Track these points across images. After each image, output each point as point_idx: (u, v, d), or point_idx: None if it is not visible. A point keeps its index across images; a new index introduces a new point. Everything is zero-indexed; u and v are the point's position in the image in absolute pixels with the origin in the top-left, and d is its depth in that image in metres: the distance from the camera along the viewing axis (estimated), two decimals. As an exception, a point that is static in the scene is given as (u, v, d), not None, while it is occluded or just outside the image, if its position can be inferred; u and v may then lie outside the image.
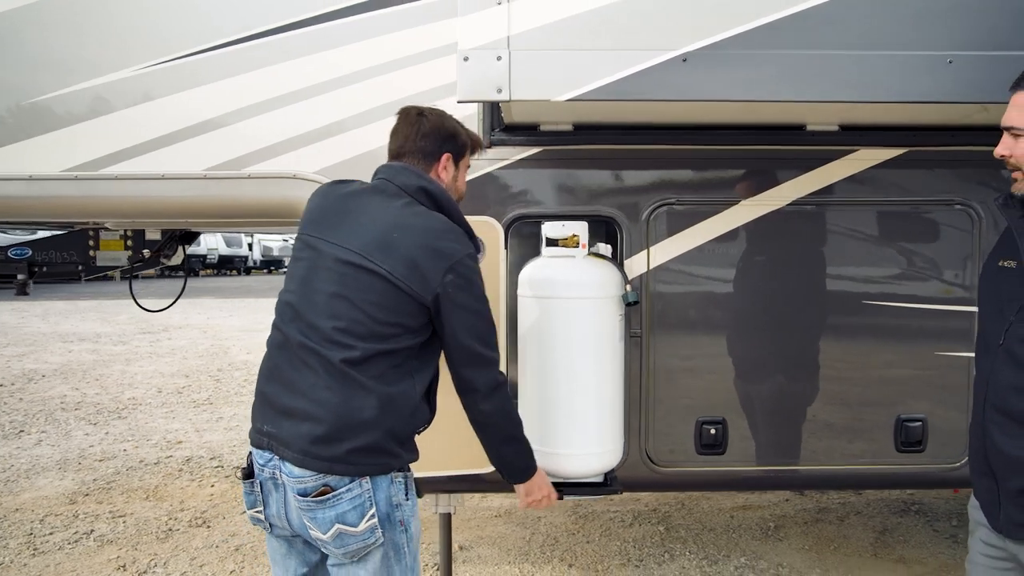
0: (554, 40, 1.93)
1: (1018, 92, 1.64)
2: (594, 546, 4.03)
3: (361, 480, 1.75)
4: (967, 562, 1.94)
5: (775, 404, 2.79)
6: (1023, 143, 1.62)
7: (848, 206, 2.75)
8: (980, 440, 1.77)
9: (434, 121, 1.97)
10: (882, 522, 4.30)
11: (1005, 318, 1.71)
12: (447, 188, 1.98)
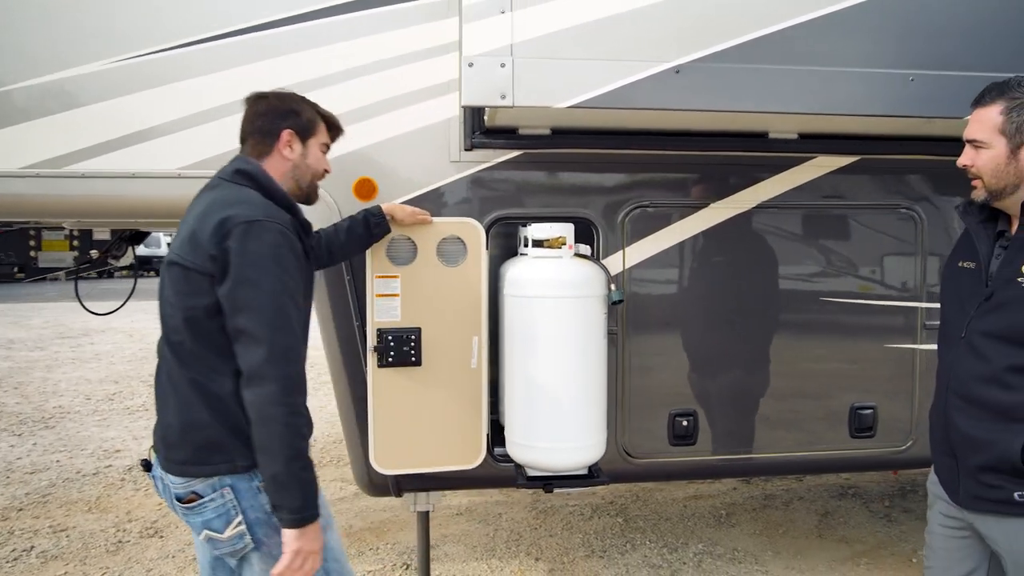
0: (555, 49, 2.01)
1: (978, 108, 1.81)
2: (557, 539, 4.12)
3: (223, 491, 1.78)
4: (926, 533, 2.12)
5: (741, 396, 2.96)
6: (983, 154, 1.79)
7: (807, 209, 2.94)
8: (942, 423, 1.94)
9: (272, 101, 1.98)
10: (823, 505, 4.58)
11: (966, 313, 1.88)
12: (296, 166, 1.98)
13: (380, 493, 2.90)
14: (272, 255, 1.75)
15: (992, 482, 1.81)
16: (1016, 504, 1.78)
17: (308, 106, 2.03)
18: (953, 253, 2.06)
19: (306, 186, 2.05)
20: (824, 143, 2.84)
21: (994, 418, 1.80)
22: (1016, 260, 1.79)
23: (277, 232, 1.78)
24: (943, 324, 2.01)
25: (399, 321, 2.63)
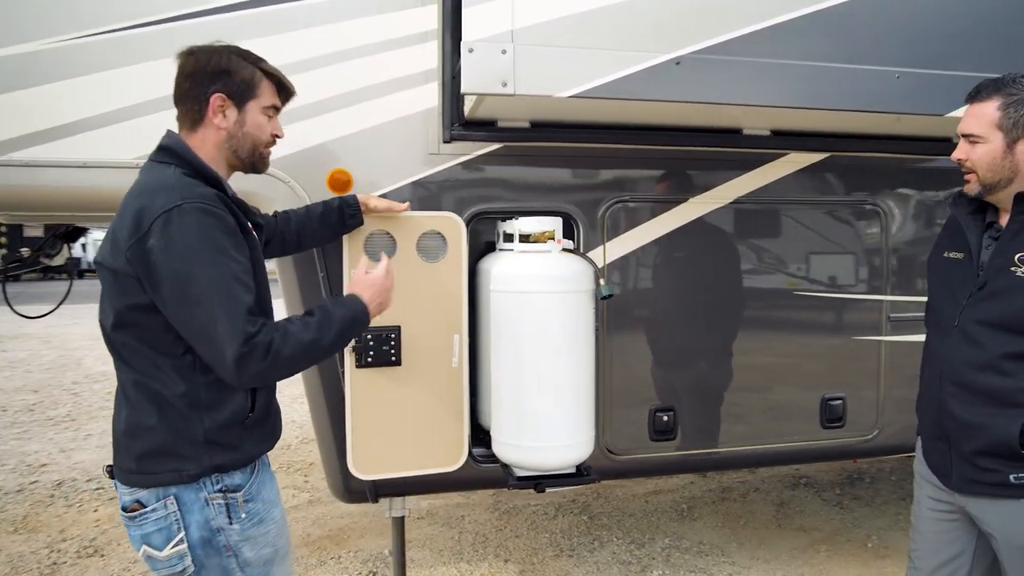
0: (556, 37, 1.96)
1: (974, 103, 1.86)
2: (524, 540, 4.07)
3: (167, 500, 1.63)
4: (913, 516, 2.18)
5: (718, 390, 2.97)
6: (979, 148, 1.84)
7: (780, 205, 2.98)
8: (935, 410, 1.99)
9: (200, 58, 1.70)
10: (778, 496, 4.69)
11: (958, 303, 1.93)
12: (231, 135, 1.74)
13: (356, 500, 2.78)
14: (203, 240, 1.55)
15: (988, 466, 1.86)
16: (1012, 486, 1.83)
17: (245, 62, 1.75)
18: (938, 244, 2.11)
19: (246, 156, 1.79)
20: (796, 140, 2.89)
21: (989, 403, 1.84)
22: (1008, 250, 1.85)
23: (200, 212, 1.56)
24: (933, 313, 2.05)
25: (378, 319, 2.51)
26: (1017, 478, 1.83)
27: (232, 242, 1.61)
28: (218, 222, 1.59)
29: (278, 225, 2.25)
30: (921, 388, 2.10)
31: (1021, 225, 1.85)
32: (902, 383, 3.13)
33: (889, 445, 3.14)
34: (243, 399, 1.71)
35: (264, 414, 1.79)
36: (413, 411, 2.59)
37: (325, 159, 2.59)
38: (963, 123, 1.88)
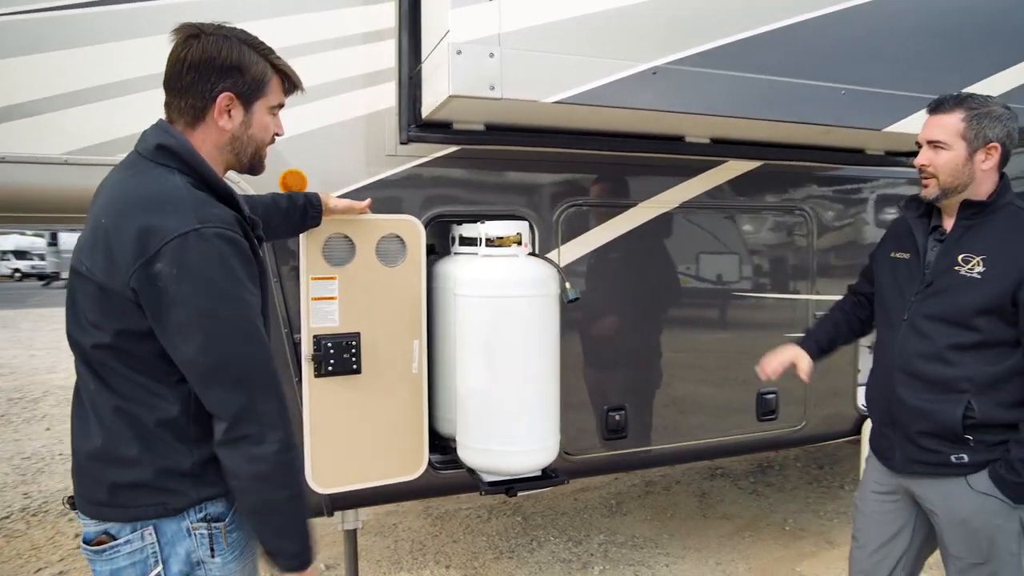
0: (542, 43, 1.95)
1: (938, 115, 2.03)
2: (462, 545, 4.04)
3: (144, 532, 1.47)
4: (857, 500, 2.37)
5: (665, 388, 3.08)
6: (943, 155, 2.00)
7: (720, 210, 3.12)
8: (885, 397, 2.15)
9: (208, 48, 1.49)
10: (699, 487, 4.91)
11: (906, 299, 2.11)
12: (235, 137, 1.56)
13: (311, 514, 2.65)
14: (221, 272, 1.39)
15: (931, 447, 2.04)
16: (952, 465, 2.02)
17: (257, 56, 1.55)
18: (883, 245, 2.29)
19: (248, 159, 1.63)
20: (735, 148, 3.03)
21: (935, 390, 2.02)
22: (953, 251, 2.03)
23: (220, 239, 1.39)
24: (883, 309, 2.22)
25: (337, 326, 2.42)
26: (957, 458, 2.01)
27: (248, 272, 1.45)
28: (237, 250, 1.43)
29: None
30: (871, 378, 2.27)
31: (964, 229, 2.04)
32: (824, 377, 3.36)
33: (815, 434, 3.36)
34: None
35: None
36: (373, 420, 2.52)
37: (277, 158, 2.46)
38: (928, 132, 2.04)
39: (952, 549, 2.08)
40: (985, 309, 1.97)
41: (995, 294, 1.95)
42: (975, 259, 2.00)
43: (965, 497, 2.02)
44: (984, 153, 2.00)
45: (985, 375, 1.98)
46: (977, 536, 2.02)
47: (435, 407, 2.73)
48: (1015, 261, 1.94)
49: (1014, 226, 2.02)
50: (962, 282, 2.00)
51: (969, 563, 2.05)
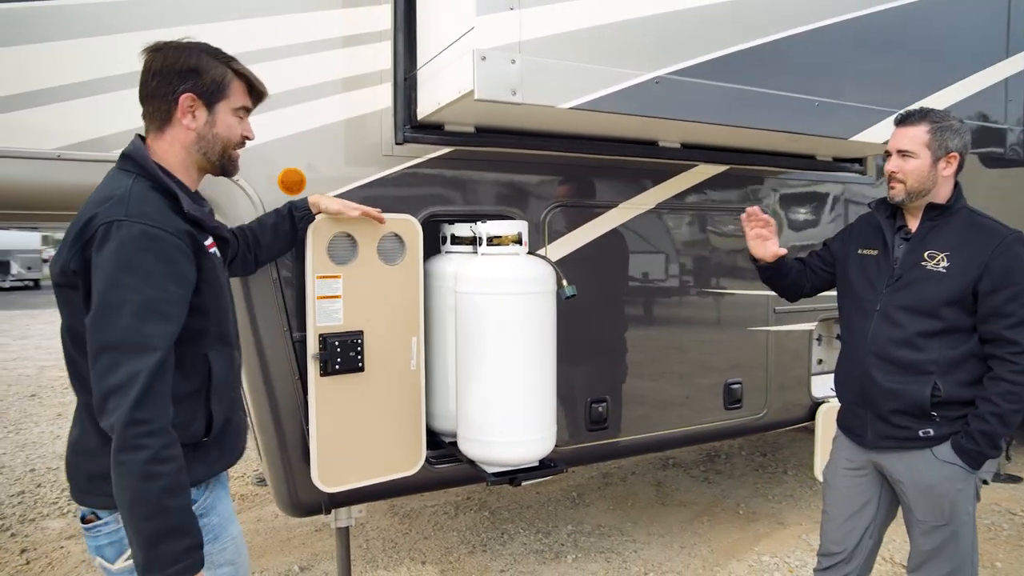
0: (557, 51, 2.05)
1: (906, 127, 2.26)
2: (433, 541, 4.09)
3: (119, 515, 1.53)
4: (826, 475, 2.58)
5: (643, 381, 3.23)
6: (911, 162, 2.23)
7: (691, 211, 3.31)
8: (858, 380, 2.37)
9: (169, 56, 1.64)
10: (654, 477, 5.12)
11: (878, 291, 2.33)
12: (200, 136, 1.68)
13: (308, 513, 2.67)
14: (128, 262, 1.47)
15: (901, 423, 2.27)
16: (920, 439, 2.25)
17: (216, 61, 1.69)
18: (850, 243, 2.50)
19: (215, 159, 1.73)
20: (705, 153, 3.21)
21: (906, 372, 2.25)
22: (919, 248, 2.27)
23: (138, 233, 1.48)
24: (856, 300, 2.42)
25: (341, 325, 2.45)
26: (924, 432, 2.25)
27: (167, 269, 1.52)
28: (155, 245, 1.50)
29: (239, 244, 2.17)
30: (842, 362, 2.49)
31: (929, 229, 2.28)
32: (783, 367, 3.61)
33: (775, 421, 3.60)
34: (200, 424, 1.66)
35: (220, 436, 1.73)
36: (375, 417, 2.55)
37: (277, 157, 2.47)
38: (897, 141, 2.27)
39: (918, 514, 2.31)
40: (950, 300, 2.20)
41: (958, 287, 2.19)
42: (940, 255, 2.23)
43: (931, 466, 2.25)
44: (945, 161, 2.25)
45: (948, 358, 2.22)
46: (941, 501, 2.25)
47: (429, 403, 2.78)
48: (975, 258, 2.18)
49: (970, 227, 2.26)
50: (929, 276, 2.23)
51: (933, 525, 2.28)
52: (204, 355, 1.65)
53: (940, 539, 2.29)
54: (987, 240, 2.20)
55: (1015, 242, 2.19)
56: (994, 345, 2.18)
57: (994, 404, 2.16)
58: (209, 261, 1.66)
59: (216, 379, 1.67)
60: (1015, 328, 2.15)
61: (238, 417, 1.84)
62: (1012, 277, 2.15)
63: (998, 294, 2.15)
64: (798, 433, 5.83)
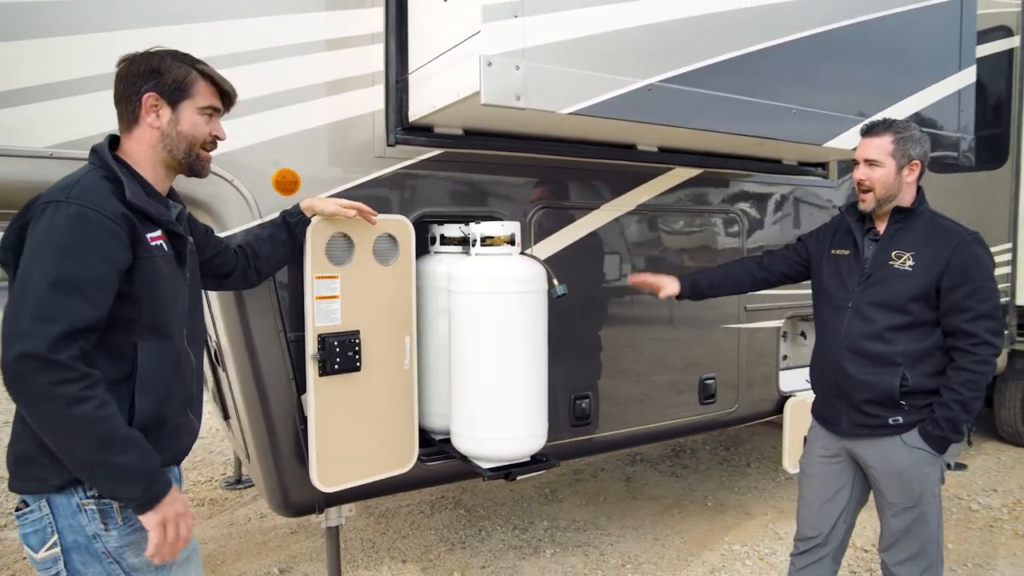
0: (556, 58, 2.12)
1: (871, 138, 2.40)
2: (412, 540, 4.11)
3: (41, 503, 1.59)
4: (802, 464, 2.73)
5: (623, 377, 3.33)
6: (877, 171, 2.37)
7: (668, 212, 3.42)
8: (832, 373, 2.51)
9: (134, 62, 1.72)
10: (623, 473, 5.25)
11: (850, 289, 2.48)
12: (164, 135, 1.72)
13: (300, 513, 2.68)
14: (56, 239, 1.50)
15: (872, 412, 2.42)
16: (889, 427, 2.40)
17: (178, 63, 1.73)
18: (824, 243, 2.64)
19: (182, 157, 1.75)
20: (680, 157, 3.33)
21: (876, 364, 2.40)
22: (887, 248, 2.42)
23: (73, 214, 1.52)
24: (829, 298, 2.56)
25: (339, 325, 2.47)
26: (894, 420, 2.40)
27: (96, 250, 1.53)
28: (88, 225, 1.53)
29: (238, 256, 2.20)
30: (817, 356, 2.63)
31: (896, 230, 2.44)
32: (753, 363, 3.76)
33: (746, 415, 3.75)
34: (125, 406, 1.61)
35: (149, 427, 1.64)
36: (371, 416, 2.57)
37: (271, 158, 2.47)
38: (864, 151, 2.41)
39: (889, 497, 2.46)
40: (916, 296, 2.36)
41: (923, 283, 2.34)
42: (906, 255, 2.39)
43: (901, 452, 2.40)
44: (908, 169, 2.40)
45: (914, 351, 2.37)
46: (910, 484, 2.40)
47: (422, 402, 2.82)
48: (937, 257, 2.34)
49: (933, 228, 2.42)
50: (897, 274, 2.38)
51: (902, 507, 2.43)
52: (133, 344, 1.63)
53: (910, 520, 2.44)
54: (948, 240, 2.36)
55: (973, 242, 2.36)
56: (955, 337, 2.35)
57: (956, 392, 2.32)
58: (147, 251, 1.64)
59: (143, 370, 1.63)
60: (973, 321, 2.31)
61: (180, 418, 1.78)
62: (970, 274, 2.32)
63: (958, 290, 2.31)
64: (759, 428, 6.05)
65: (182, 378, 1.77)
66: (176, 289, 1.75)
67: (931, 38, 3.22)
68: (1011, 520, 4.31)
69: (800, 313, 3.98)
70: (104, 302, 1.54)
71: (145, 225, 1.65)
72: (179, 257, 1.78)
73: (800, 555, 2.70)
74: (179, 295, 1.77)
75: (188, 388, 1.81)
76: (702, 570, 3.70)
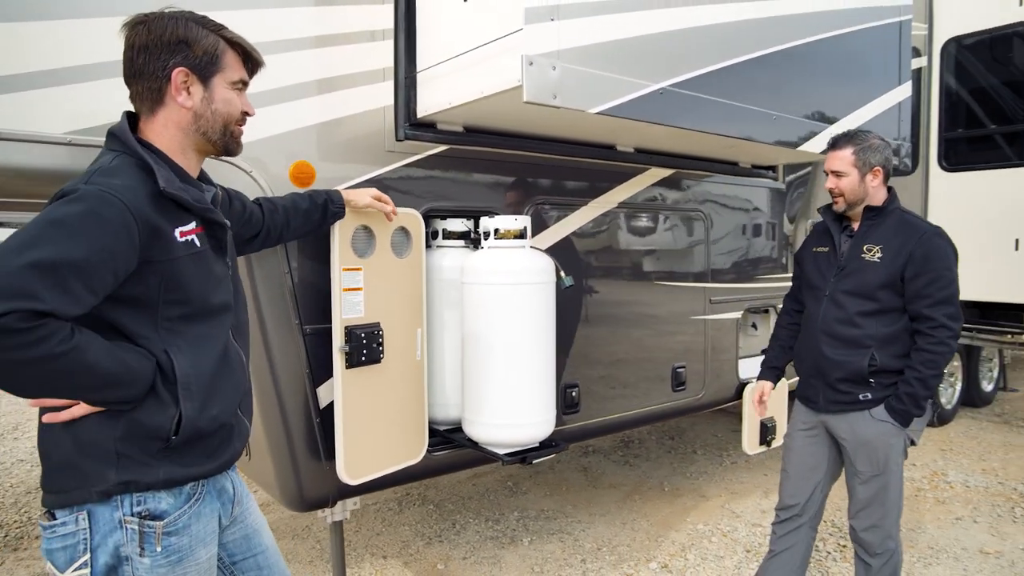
0: (586, 61, 2.24)
1: (835, 151, 2.67)
2: (387, 536, 4.11)
3: (79, 516, 1.44)
4: (786, 439, 2.97)
5: (607, 367, 3.49)
6: (844, 180, 2.65)
7: (645, 209, 3.61)
8: (812, 354, 2.76)
9: (153, 28, 1.51)
10: (579, 463, 5.42)
11: (827, 280, 2.74)
12: (198, 115, 1.56)
13: (313, 507, 2.67)
14: (63, 216, 1.32)
15: (845, 389, 2.68)
16: (860, 402, 2.67)
17: (206, 31, 1.55)
18: (806, 244, 2.91)
19: (218, 138, 1.61)
20: (656, 158, 3.53)
21: (848, 346, 2.66)
22: (860, 243, 2.69)
23: (95, 198, 1.35)
24: (811, 289, 2.82)
25: (363, 317, 2.49)
26: (864, 396, 2.66)
27: (102, 239, 1.34)
28: (111, 214, 1.36)
29: (265, 218, 2.08)
30: (802, 340, 2.88)
31: (868, 227, 2.71)
32: (717, 352, 4.02)
33: (711, 401, 4.00)
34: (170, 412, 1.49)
35: (199, 433, 1.54)
36: (389, 407, 2.60)
37: (289, 149, 2.46)
38: (831, 163, 2.69)
39: (858, 466, 2.72)
40: (883, 284, 2.62)
41: (889, 273, 2.61)
42: (875, 248, 2.66)
43: (869, 424, 2.67)
44: (872, 175, 2.67)
45: (882, 334, 2.64)
46: (877, 454, 2.67)
47: (439, 393, 2.87)
48: (901, 249, 2.61)
49: (899, 224, 2.71)
50: (867, 265, 2.65)
51: (870, 475, 2.69)
52: (164, 351, 1.49)
53: (876, 487, 2.70)
54: (911, 233, 2.64)
55: (934, 235, 2.65)
56: (917, 321, 2.63)
57: (917, 370, 2.60)
58: (168, 252, 1.48)
59: (183, 375, 1.51)
60: (933, 307, 2.59)
61: (232, 419, 1.67)
62: (930, 264, 2.60)
63: (920, 278, 2.60)
64: (698, 418, 6.40)
65: (231, 375, 1.63)
66: (214, 282, 1.60)
67: (879, 55, 3.58)
68: (931, 489, 4.80)
69: (754, 306, 4.28)
70: (83, 301, 1.34)
71: (179, 216, 1.50)
72: (218, 247, 1.63)
73: (781, 523, 2.93)
74: (220, 288, 1.62)
75: (238, 386, 1.67)
76: (673, 549, 3.91)
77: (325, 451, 2.56)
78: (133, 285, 1.44)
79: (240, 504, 1.76)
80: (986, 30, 5.41)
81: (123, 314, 1.46)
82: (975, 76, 5.54)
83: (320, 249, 2.47)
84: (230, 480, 1.72)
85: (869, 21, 3.42)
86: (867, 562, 2.74)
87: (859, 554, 2.78)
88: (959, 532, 4.12)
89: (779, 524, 2.95)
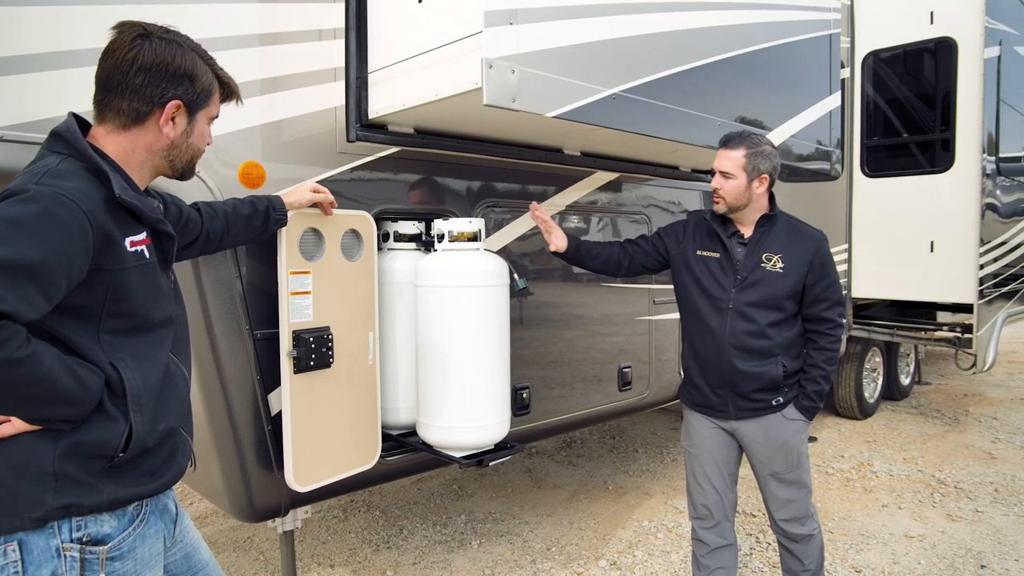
0: (543, 65, 2.26)
1: (727, 149, 2.65)
2: (332, 545, 4.03)
3: (8, 547, 1.35)
4: (687, 448, 2.91)
5: (556, 367, 3.52)
6: (730, 182, 2.62)
7: (590, 211, 3.67)
8: (719, 367, 2.72)
9: (160, 52, 1.48)
10: (522, 464, 5.45)
11: (727, 290, 2.71)
12: (174, 145, 1.54)
13: (264, 517, 2.59)
14: (17, 217, 1.25)
15: (760, 397, 2.69)
16: (773, 407, 2.70)
17: (206, 66, 1.56)
18: (686, 242, 2.83)
19: (182, 166, 1.61)
20: (602, 161, 3.59)
21: (761, 357, 2.67)
22: (757, 252, 2.68)
23: (45, 194, 1.29)
24: (709, 298, 2.74)
25: (311, 321, 2.43)
26: (776, 401, 2.70)
27: (67, 246, 1.30)
28: (67, 215, 1.31)
29: (204, 223, 1.99)
30: (698, 352, 2.81)
31: (761, 235, 2.70)
32: (660, 351, 4.11)
33: (656, 400, 4.09)
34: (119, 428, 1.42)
35: (145, 449, 1.48)
36: (340, 413, 2.56)
37: (238, 149, 2.39)
38: (720, 163, 2.66)
39: (775, 467, 2.73)
40: (790, 295, 2.66)
41: (794, 282, 2.64)
42: (775, 257, 2.66)
43: (783, 425, 2.70)
44: (758, 181, 2.65)
45: (786, 339, 2.68)
46: (791, 452, 2.71)
47: (393, 396, 2.83)
48: (803, 258, 2.65)
49: (790, 230, 2.71)
50: (770, 275, 2.65)
51: (787, 473, 2.73)
52: (111, 364, 1.44)
53: (793, 481, 2.74)
54: (807, 242, 2.68)
55: (824, 241, 2.72)
56: (815, 323, 2.69)
57: (821, 368, 2.68)
58: (118, 262, 1.42)
59: (132, 388, 1.46)
60: (830, 309, 2.68)
61: (176, 436, 1.61)
62: (826, 270, 2.69)
63: (819, 284, 2.67)
64: (639, 416, 6.52)
65: (175, 389, 1.59)
66: (157, 296, 1.54)
67: (813, 66, 3.75)
68: (860, 479, 5.04)
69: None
70: (38, 305, 1.27)
71: (130, 226, 1.45)
72: (164, 259, 1.59)
73: (699, 519, 2.90)
74: (162, 302, 1.56)
75: (183, 400, 1.63)
76: (620, 546, 3.98)
77: (277, 459, 2.49)
78: (79, 294, 1.37)
79: (180, 523, 1.69)
80: (900, 45, 5.73)
81: (66, 325, 1.39)
82: (891, 88, 5.87)
83: (270, 252, 2.40)
84: (171, 499, 1.66)
85: (804, 33, 3.58)
86: (793, 549, 2.80)
87: (785, 544, 2.83)
88: (886, 518, 4.34)
89: (706, 531, 2.88)
